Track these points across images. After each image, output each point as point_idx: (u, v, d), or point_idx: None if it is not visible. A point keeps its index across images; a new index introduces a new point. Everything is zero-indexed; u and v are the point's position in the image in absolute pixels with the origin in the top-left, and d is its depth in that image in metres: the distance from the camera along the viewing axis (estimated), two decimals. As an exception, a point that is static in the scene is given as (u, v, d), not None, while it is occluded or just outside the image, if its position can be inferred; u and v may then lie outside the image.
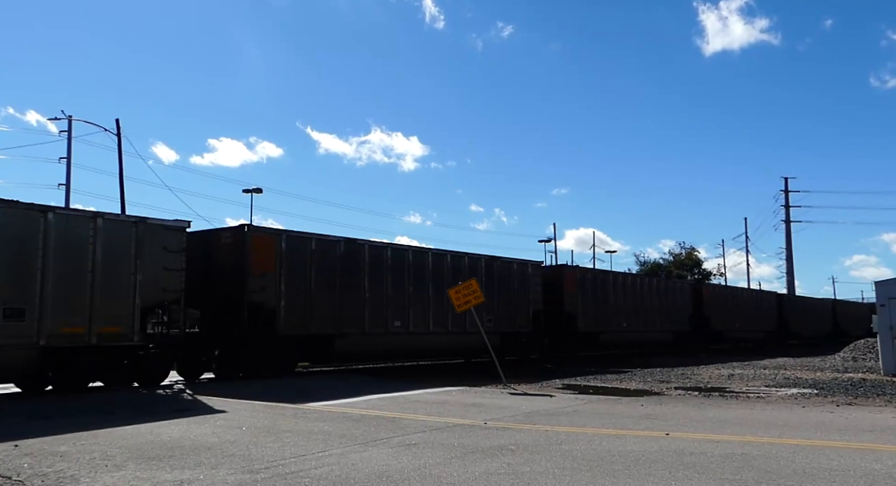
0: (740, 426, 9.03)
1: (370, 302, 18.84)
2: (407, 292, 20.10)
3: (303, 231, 17.90)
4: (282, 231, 17.40)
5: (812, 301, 56.54)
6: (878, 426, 8.97)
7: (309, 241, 17.59)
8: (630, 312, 30.37)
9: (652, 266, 72.74)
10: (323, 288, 17.67)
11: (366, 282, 18.81)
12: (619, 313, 29.58)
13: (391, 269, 19.63)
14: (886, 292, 18.40)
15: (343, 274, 18.25)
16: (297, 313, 16.96)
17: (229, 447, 7.39)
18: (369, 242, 19.77)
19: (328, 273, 17.84)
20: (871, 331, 56.89)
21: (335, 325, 17.87)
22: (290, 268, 16.94)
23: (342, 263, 18.30)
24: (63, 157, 34.73)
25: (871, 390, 13.69)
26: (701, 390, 14.47)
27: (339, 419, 9.79)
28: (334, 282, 17.98)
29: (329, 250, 18.04)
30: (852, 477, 5.86)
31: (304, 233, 17.80)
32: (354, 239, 19.33)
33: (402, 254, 20.33)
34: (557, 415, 10.25)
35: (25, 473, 6.21)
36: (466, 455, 6.93)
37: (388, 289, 19.46)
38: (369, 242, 19.77)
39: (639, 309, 31.00)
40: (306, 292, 17.23)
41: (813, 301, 56.78)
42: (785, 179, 68.85)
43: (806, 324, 49.98)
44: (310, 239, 17.65)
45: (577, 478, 5.88)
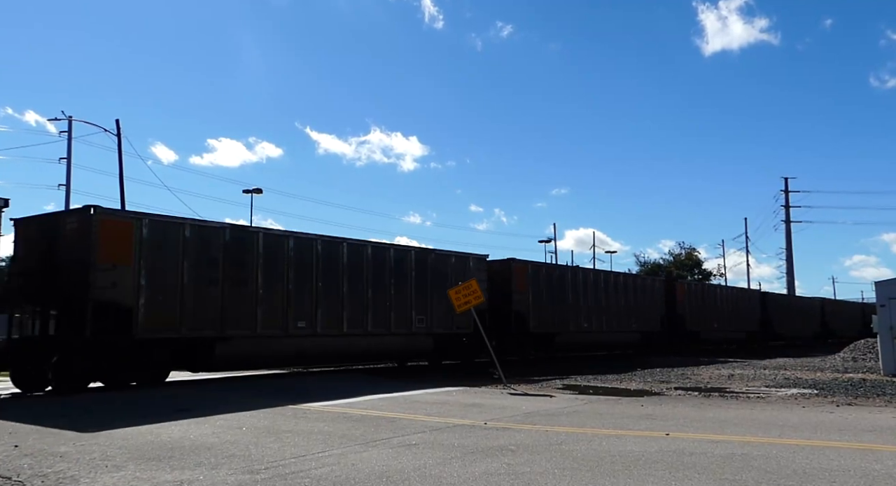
0: (740, 426, 9.03)
1: (264, 300, 16.34)
2: (314, 288, 17.65)
3: (177, 216, 15.44)
4: (143, 215, 14.78)
5: (798, 300, 54.61)
6: (878, 426, 8.97)
7: (181, 227, 15.01)
8: (592, 311, 27.92)
9: (652, 266, 72.75)
10: (200, 283, 15.15)
11: (258, 276, 16.30)
12: (578, 313, 27.16)
13: (294, 262, 17.22)
14: (886, 292, 18.40)
15: (228, 267, 15.73)
16: (163, 313, 14.47)
17: (229, 448, 7.39)
18: (264, 229, 17.43)
19: (207, 266, 15.34)
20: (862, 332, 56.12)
21: (216, 326, 15.33)
22: (153, 259, 14.42)
23: (228, 254, 15.76)
24: (63, 157, 34.80)
25: (871, 390, 13.69)
26: (701, 390, 14.46)
27: (339, 419, 9.80)
28: (216, 276, 15.47)
29: (210, 239, 15.52)
30: (852, 477, 5.86)
31: (177, 218, 15.30)
32: (245, 226, 17.20)
33: (308, 244, 17.80)
34: (557, 415, 10.25)
35: (25, 473, 6.21)
36: (466, 456, 6.93)
37: (290, 285, 17.00)
38: (264, 229, 17.43)
39: (602, 308, 28.48)
40: (176, 288, 14.71)
41: (799, 300, 54.82)
42: (785, 179, 68.98)
43: (791, 324, 47.52)
44: (182, 225, 15.07)
45: (577, 478, 5.89)
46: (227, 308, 15.59)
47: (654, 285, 33.44)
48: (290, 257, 17.20)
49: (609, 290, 29.26)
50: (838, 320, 56.22)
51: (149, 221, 14.63)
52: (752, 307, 42.29)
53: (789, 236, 67.92)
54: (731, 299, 39.88)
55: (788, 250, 67.71)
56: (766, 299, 45.17)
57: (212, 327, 15.31)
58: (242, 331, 15.93)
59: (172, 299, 14.66)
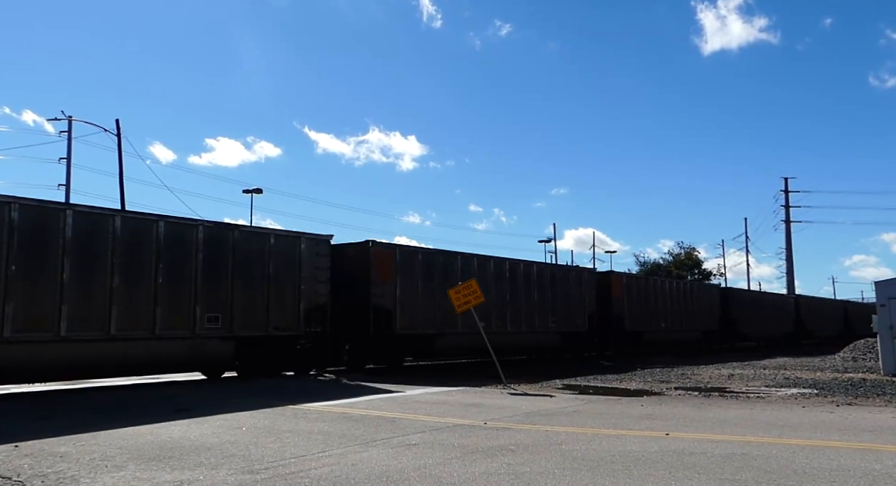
0: (740, 426, 9.03)
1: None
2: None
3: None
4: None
5: (767, 296, 49.37)
6: (878, 426, 8.97)
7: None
8: (498, 307, 23.34)
9: (652, 266, 72.78)
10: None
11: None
12: (497, 311, 23.12)
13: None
14: (886, 292, 18.41)
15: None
16: None
17: (229, 448, 7.39)
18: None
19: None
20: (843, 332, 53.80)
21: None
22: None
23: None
24: (63, 157, 34.81)
25: (871, 390, 13.69)
26: (701, 390, 14.47)
27: (339, 419, 9.79)
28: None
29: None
30: (852, 477, 5.86)
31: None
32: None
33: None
34: (557, 415, 10.25)
35: (26, 473, 6.21)
36: (466, 455, 6.93)
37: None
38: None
39: (507, 304, 23.79)
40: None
41: (768, 296, 49.61)
42: (785, 179, 68.99)
43: (760, 323, 42.56)
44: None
45: (577, 478, 5.88)
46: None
47: (580, 277, 28.35)
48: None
49: (519, 283, 24.44)
50: (816, 319, 51.86)
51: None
52: (711, 304, 37.75)
53: (789, 236, 68.01)
54: (683, 296, 35.21)
55: (788, 250, 67.78)
56: (729, 296, 40.53)
57: None
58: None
59: None
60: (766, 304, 45.47)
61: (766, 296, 49.24)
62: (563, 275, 27.48)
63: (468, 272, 22.10)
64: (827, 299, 63.09)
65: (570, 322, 26.99)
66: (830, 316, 55.12)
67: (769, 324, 44.03)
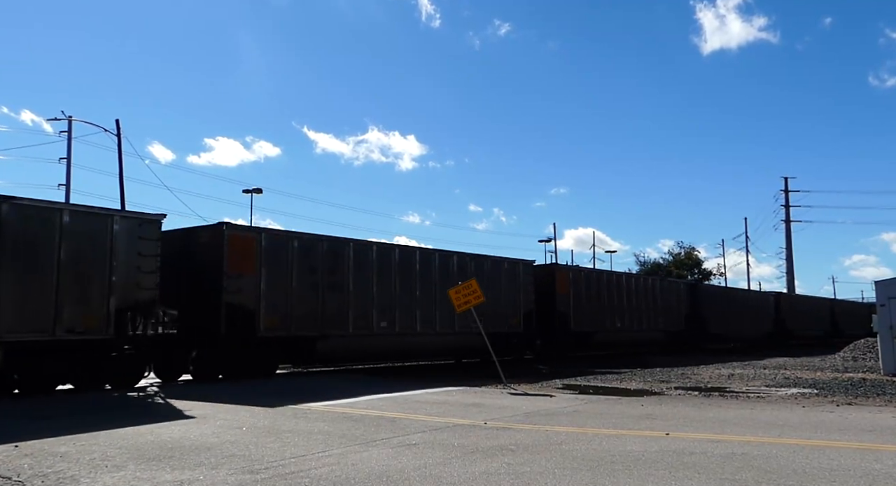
0: (740, 425, 9.03)
1: None
2: None
3: None
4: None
5: (744, 294, 45.61)
6: (878, 426, 8.98)
7: None
8: (411, 305, 20.53)
9: (652, 266, 72.81)
10: None
11: None
12: (383, 307, 19.63)
13: None
14: (886, 291, 18.41)
15: None
16: None
17: (229, 448, 7.39)
18: None
19: None
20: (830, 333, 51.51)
21: None
22: None
23: None
24: (63, 157, 34.81)
25: (871, 390, 13.70)
26: (701, 390, 14.47)
27: (339, 419, 9.80)
28: None
29: None
30: (852, 477, 5.86)
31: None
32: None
33: None
34: (557, 415, 10.26)
35: (26, 473, 6.21)
36: (466, 455, 6.94)
37: None
38: None
39: (417, 302, 20.69)
40: None
41: (745, 294, 45.92)
42: (785, 179, 68.99)
43: (735, 323, 39.19)
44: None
45: (577, 478, 5.89)
46: None
47: (514, 271, 24.74)
48: None
49: (433, 277, 21.32)
50: (799, 319, 47.56)
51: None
52: (677, 302, 34.56)
53: (789, 236, 68.03)
54: (644, 292, 31.77)
55: (788, 250, 67.80)
56: (698, 292, 37.24)
57: None
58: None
59: None
60: (741, 301, 41.95)
61: (741, 293, 45.53)
62: (492, 267, 23.83)
63: (363, 263, 19.05)
64: (811, 297, 58.66)
65: (499, 322, 22.97)
66: (815, 315, 51.41)
67: (745, 323, 40.74)
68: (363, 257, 19.31)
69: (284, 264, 17.25)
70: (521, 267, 25.21)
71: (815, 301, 55.83)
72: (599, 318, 28.53)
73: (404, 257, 20.70)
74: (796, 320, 46.98)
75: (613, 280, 30.33)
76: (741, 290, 48.95)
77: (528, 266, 25.60)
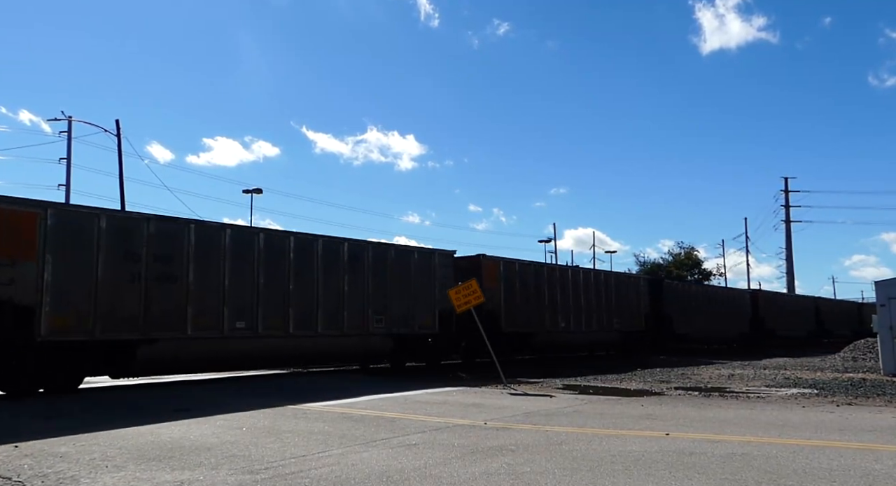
0: (740, 426, 9.03)
1: None
2: None
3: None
4: None
5: (715, 290, 42.11)
6: (878, 426, 8.97)
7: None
8: (283, 302, 16.88)
9: (652, 266, 72.78)
10: None
11: None
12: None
13: None
14: (886, 292, 18.41)
15: None
16: None
17: (229, 448, 7.39)
18: None
19: None
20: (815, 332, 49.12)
21: None
22: None
23: None
24: (63, 157, 34.83)
25: (871, 390, 13.70)
26: (701, 390, 14.47)
27: (339, 419, 9.80)
28: None
29: None
30: (852, 477, 5.86)
31: None
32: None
33: None
34: (557, 415, 10.25)
35: (26, 474, 6.21)
36: (466, 455, 6.93)
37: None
38: None
39: (288, 296, 17.03)
40: None
41: (718, 290, 42.60)
42: (785, 179, 68.99)
43: (704, 321, 35.78)
44: None
45: (577, 478, 5.88)
46: None
47: (428, 263, 21.21)
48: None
49: (314, 267, 17.73)
50: (779, 318, 44.26)
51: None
52: (637, 299, 31.24)
53: (789, 236, 68.02)
54: (595, 289, 28.37)
55: (788, 250, 67.79)
56: (661, 289, 33.55)
57: None
58: None
59: None
60: (713, 299, 38.50)
61: (714, 290, 41.95)
62: (397, 258, 20.16)
63: (208, 247, 15.50)
64: (793, 295, 55.75)
65: (406, 322, 20.08)
66: (798, 314, 48.04)
67: (718, 323, 37.48)
68: (201, 240, 15.41)
69: (86, 250, 13.49)
70: (438, 258, 21.61)
71: (798, 299, 52.82)
72: (539, 317, 25.03)
73: (272, 244, 16.90)
74: (776, 319, 43.88)
75: (557, 275, 26.78)
76: (713, 287, 45.33)
77: (446, 257, 22.11)
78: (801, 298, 54.34)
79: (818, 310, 52.07)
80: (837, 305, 60.52)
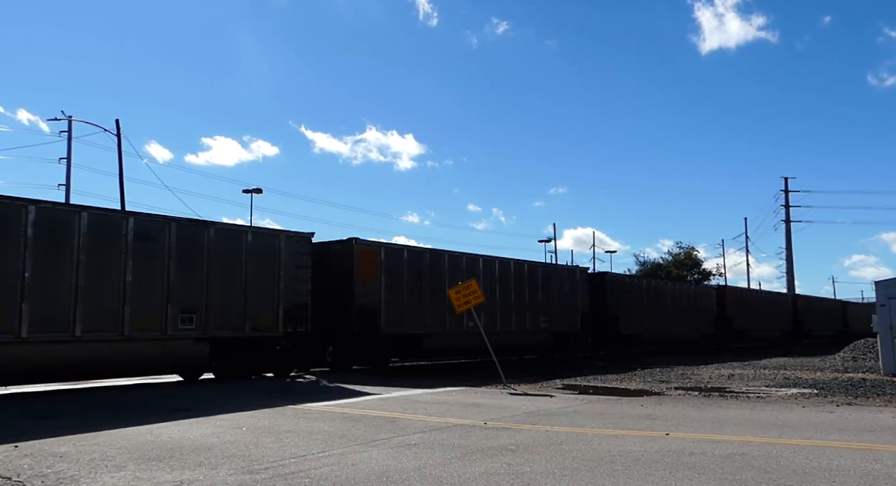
0: (740, 426, 9.03)
1: None
2: None
3: None
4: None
5: (672, 287, 36.13)
6: (878, 426, 8.98)
7: None
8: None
9: (652, 266, 72.80)
10: None
11: None
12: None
13: None
14: (886, 291, 18.41)
15: None
16: None
17: (229, 448, 7.39)
18: None
19: None
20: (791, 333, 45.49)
21: None
22: None
23: None
24: (63, 157, 34.83)
25: (871, 390, 13.70)
26: (701, 390, 14.47)
27: (339, 419, 9.80)
28: None
29: None
30: (852, 477, 5.86)
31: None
32: None
33: None
34: (557, 415, 10.25)
35: (25, 473, 6.21)
36: (466, 455, 6.93)
37: None
38: None
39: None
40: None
41: (676, 287, 36.56)
42: (785, 179, 69.05)
43: (659, 321, 32.28)
44: None
45: (577, 478, 5.89)
46: None
47: (273, 247, 17.15)
48: None
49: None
50: (750, 317, 40.55)
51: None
52: (573, 297, 27.17)
53: (789, 236, 68.05)
54: (517, 284, 24.29)
55: (788, 250, 67.82)
56: (605, 285, 29.71)
57: None
58: None
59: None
60: (670, 297, 34.42)
61: (671, 286, 36.28)
62: (218, 239, 15.93)
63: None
64: (768, 292, 51.03)
65: (233, 321, 16.07)
66: (773, 313, 44.08)
67: (674, 322, 33.75)
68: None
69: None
70: (284, 241, 17.32)
71: (774, 297, 48.44)
72: (435, 316, 20.82)
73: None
74: (747, 318, 40.08)
75: (462, 264, 22.14)
76: (671, 282, 39.39)
77: (299, 241, 17.77)
78: (777, 296, 50.44)
79: (796, 309, 48.17)
80: (821, 303, 56.25)
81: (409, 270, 20.47)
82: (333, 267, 18.95)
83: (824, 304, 57.48)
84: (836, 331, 53.12)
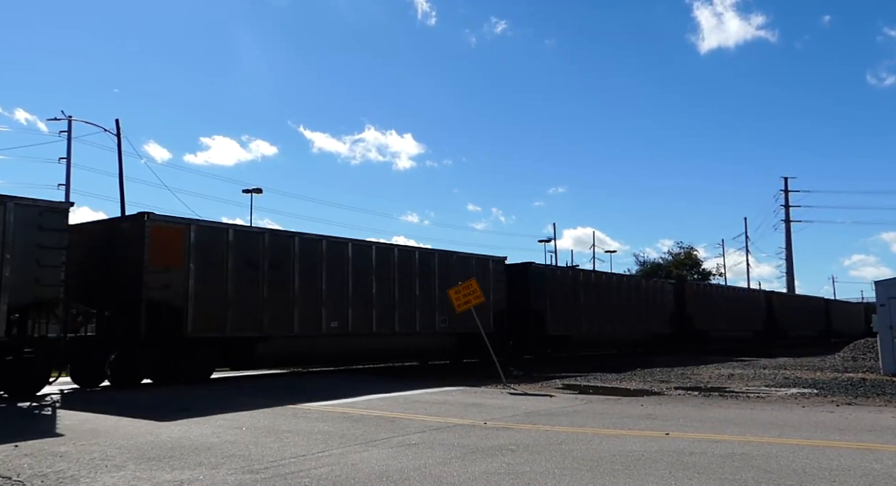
0: (740, 425, 9.03)
1: None
2: None
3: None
4: None
5: (615, 280, 31.13)
6: (878, 426, 8.98)
7: None
8: None
9: (652, 266, 72.79)
10: None
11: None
12: None
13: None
14: (886, 291, 18.41)
15: None
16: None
17: (229, 448, 7.39)
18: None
19: None
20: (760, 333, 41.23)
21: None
22: None
23: None
24: (62, 157, 34.80)
25: (871, 390, 13.70)
26: (701, 390, 14.47)
27: (339, 419, 9.80)
28: None
29: None
30: (852, 477, 5.86)
31: None
32: None
33: None
34: (557, 415, 10.26)
35: (25, 473, 6.21)
36: (466, 455, 6.93)
37: None
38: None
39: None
40: None
41: (618, 281, 31.40)
42: (785, 179, 69.12)
43: (599, 320, 28.40)
44: None
45: (577, 478, 5.89)
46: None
47: (35, 221, 13.08)
48: None
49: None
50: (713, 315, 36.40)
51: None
52: (492, 292, 22.89)
53: (789, 236, 68.10)
54: (399, 272, 20.49)
55: (788, 250, 67.87)
56: (529, 277, 25.78)
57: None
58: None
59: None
60: (617, 293, 30.17)
61: (615, 280, 31.29)
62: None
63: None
64: (737, 288, 46.85)
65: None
66: (741, 311, 39.47)
67: (622, 323, 29.88)
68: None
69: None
70: (14, 212, 12.59)
71: (743, 293, 44.09)
72: (279, 315, 17.24)
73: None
74: (709, 317, 35.91)
75: (321, 250, 18.46)
76: (616, 275, 33.43)
77: (43, 213, 13.01)
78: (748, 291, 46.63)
79: (770, 306, 44.21)
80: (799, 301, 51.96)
81: (236, 256, 16.45)
82: (119, 251, 15.24)
83: (804, 302, 52.46)
84: (818, 331, 49.63)
